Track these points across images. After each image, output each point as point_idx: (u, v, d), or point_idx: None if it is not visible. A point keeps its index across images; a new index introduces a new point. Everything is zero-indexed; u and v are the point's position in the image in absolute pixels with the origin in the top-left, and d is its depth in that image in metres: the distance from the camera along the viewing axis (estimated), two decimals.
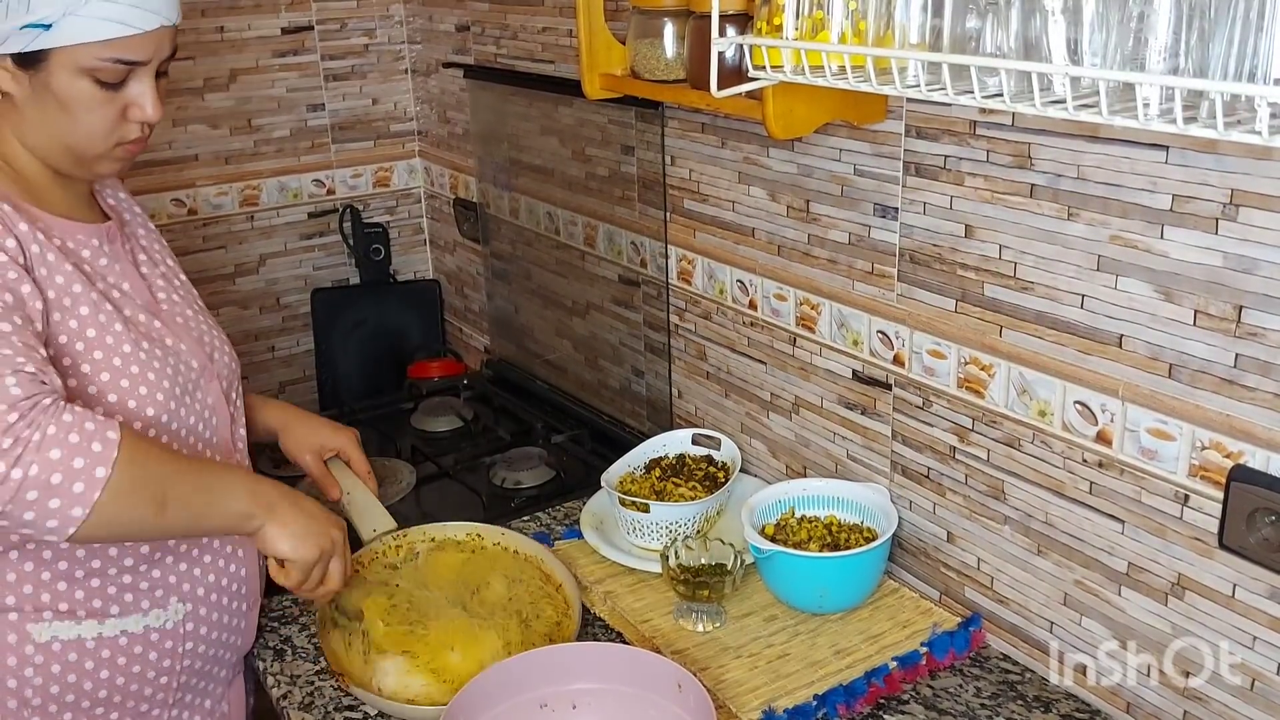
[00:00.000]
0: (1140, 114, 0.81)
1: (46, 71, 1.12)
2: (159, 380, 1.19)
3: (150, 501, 1.07)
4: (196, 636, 1.26)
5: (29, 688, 1.17)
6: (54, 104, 1.14)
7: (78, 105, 1.14)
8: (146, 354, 1.19)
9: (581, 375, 2.15)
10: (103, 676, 1.20)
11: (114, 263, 1.24)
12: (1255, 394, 1.03)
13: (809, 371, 1.56)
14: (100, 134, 1.17)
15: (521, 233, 2.23)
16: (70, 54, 1.11)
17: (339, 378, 2.53)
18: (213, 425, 1.29)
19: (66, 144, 1.17)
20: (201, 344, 1.30)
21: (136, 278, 1.27)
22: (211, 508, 1.14)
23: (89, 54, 1.11)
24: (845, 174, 1.41)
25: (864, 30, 1.02)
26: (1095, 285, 1.14)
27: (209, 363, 1.29)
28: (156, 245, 1.36)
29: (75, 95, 1.13)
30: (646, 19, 1.41)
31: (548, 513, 1.73)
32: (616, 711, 1.20)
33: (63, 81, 1.12)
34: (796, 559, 1.37)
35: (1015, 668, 1.32)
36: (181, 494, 1.10)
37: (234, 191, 2.42)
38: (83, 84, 1.13)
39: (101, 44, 1.11)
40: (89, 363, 1.15)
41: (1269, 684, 1.08)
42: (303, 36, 2.41)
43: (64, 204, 1.22)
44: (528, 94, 2.08)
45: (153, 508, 1.07)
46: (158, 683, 1.24)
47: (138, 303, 1.24)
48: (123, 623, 1.20)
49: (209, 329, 1.34)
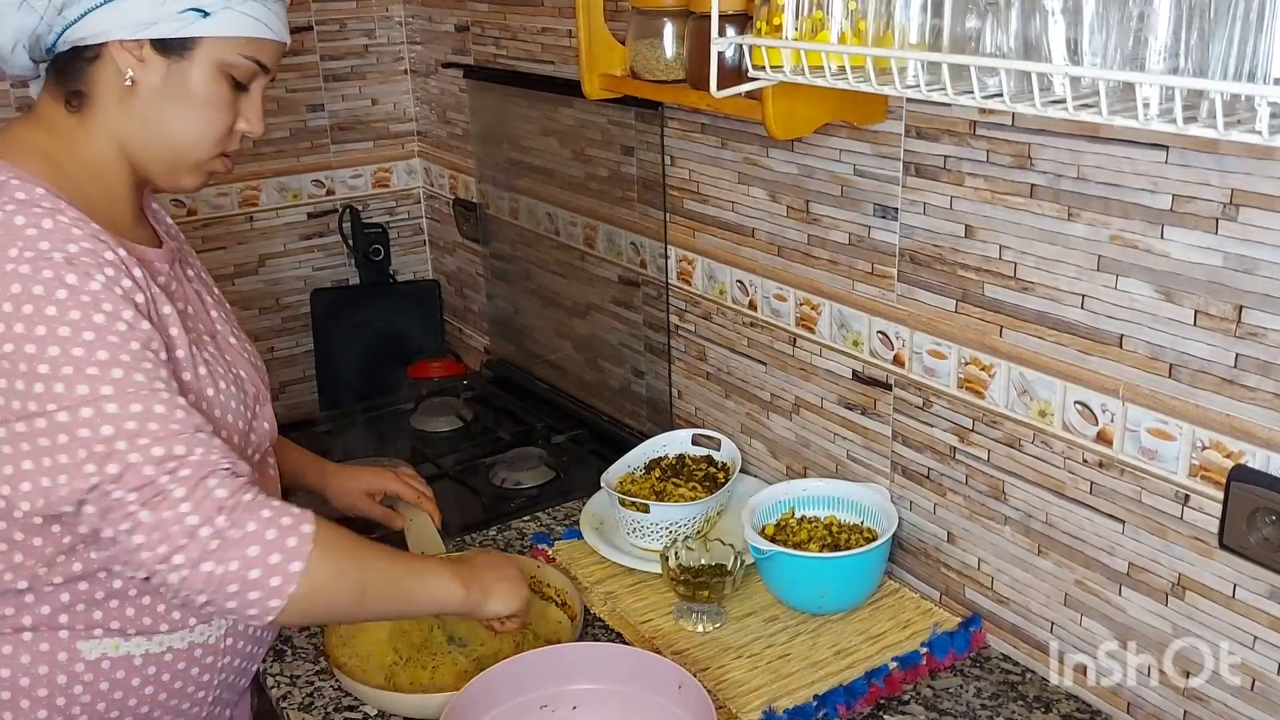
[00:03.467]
0: (1140, 114, 0.81)
1: (190, 60, 1.10)
2: (235, 421, 1.18)
3: (350, 591, 1.11)
4: (234, 651, 1.25)
5: (77, 705, 1.16)
6: (182, 97, 1.12)
7: (206, 101, 1.12)
8: (224, 393, 1.17)
9: (581, 376, 2.15)
10: (147, 692, 1.19)
11: (181, 286, 1.22)
12: (1255, 394, 1.03)
13: (809, 372, 1.55)
14: (214, 137, 1.15)
15: (521, 233, 2.23)
16: (219, 46, 1.10)
17: (339, 378, 2.53)
18: (264, 449, 1.28)
19: (175, 144, 1.14)
20: (255, 367, 1.29)
21: (198, 301, 1.25)
22: (418, 594, 1.19)
23: (234, 49, 1.11)
24: (845, 174, 1.41)
25: (864, 30, 1.02)
26: (1095, 285, 1.14)
27: (262, 385, 1.29)
28: (203, 271, 1.34)
29: (208, 90, 1.12)
30: (646, 19, 1.41)
31: (548, 513, 1.72)
32: (617, 712, 1.20)
33: (203, 74, 1.11)
34: (797, 559, 1.37)
35: (1015, 668, 1.32)
36: (381, 584, 1.15)
37: (233, 192, 2.42)
38: (218, 80, 1.12)
39: (248, 41, 1.11)
40: (179, 385, 1.11)
41: (1269, 684, 1.08)
42: (302, 37, 2.41)
43: (130, 221, 1.19)
44: (527, 94, 2.08)
45: (353, 597, 1.12)
46: (195, 696, 1.23)
47: (201, 327, 1.21)
48: (170, 639, 1.19)
49: (252, 349, 1.32)
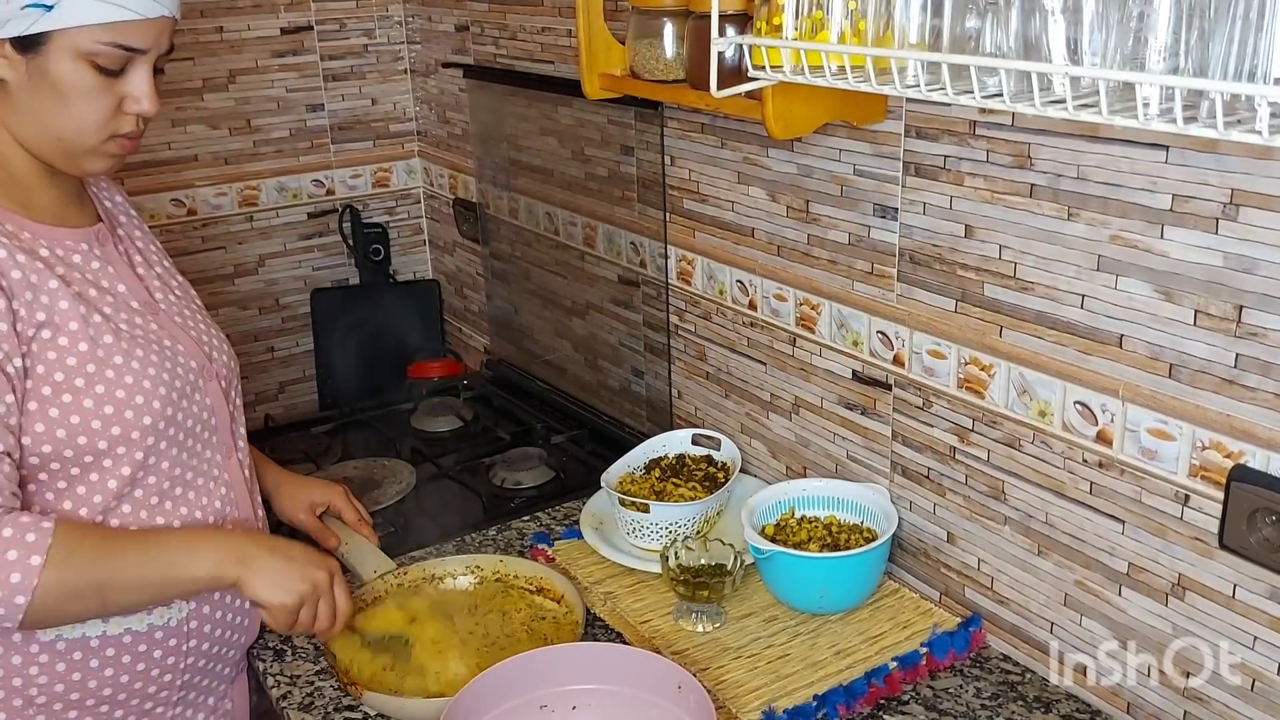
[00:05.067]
0: (1140, 114, 0.81)
1: (45, 55, 1.10)
2: (155, 386, 1.19)
3: (91, 598, 1.11)
4: (200, 634, 1.26)
5: (34, 686, 1.17)
6: (50, 91, 1.12)
7: (74, 92, 1.12)
8: (141, 360, 1.19)
9: (581, 376, 2.15)
10: (107, 675, 1.20)
11: (106, 265, 1.23)
12: (1256, 394, 1.03)
13: (809, 372, 1.55)
14: (94, 125, 1.15)
15: (521, 233, 2.23)
16: (71, 37, 1.09)
17: (338, 378, 2.53)
18: (212, 425, 1.29)
19: (59, 135, 1.15)
20: (200, 344, 1.30)
21: (133, 279, 1.26)
22: (170, 582, 1.16)
23: (90, 37, 1.10)
24: (845, 174, 1.41)
25: (863, 30, 1.02)
26: (1095, 285, 1.14)
27: (208, 362, 1.29)
28: (153, 247, 1.36)
29: (73, 81, 1.11)
30: (646, 19, 1.41)
31: (547, 513, 1.72)
32: (616, 712, 1.20)
33: (62, 66, 1.10)
34: (796, 559, 1.37)
35: (1015, 668, 1.32)
36: (125, 580, 1.13)
37: (233, 192, 2.42)
38: (81, 70, 1.11)
39: (103, 27, 1.09)
40: (82, 376, 1.14)
41: (1269, 684, 1.08)
42: (302, 37, 2.41)
43: (54, 205, 1.21)
44: (527, 94, 2.07)
45: (94, 603, 1.12)
46: (162, 680, 1.24)
47: (133, 304, 1.23)
48: (127, 621, 1.19)
49: (207, 329, 1.34)
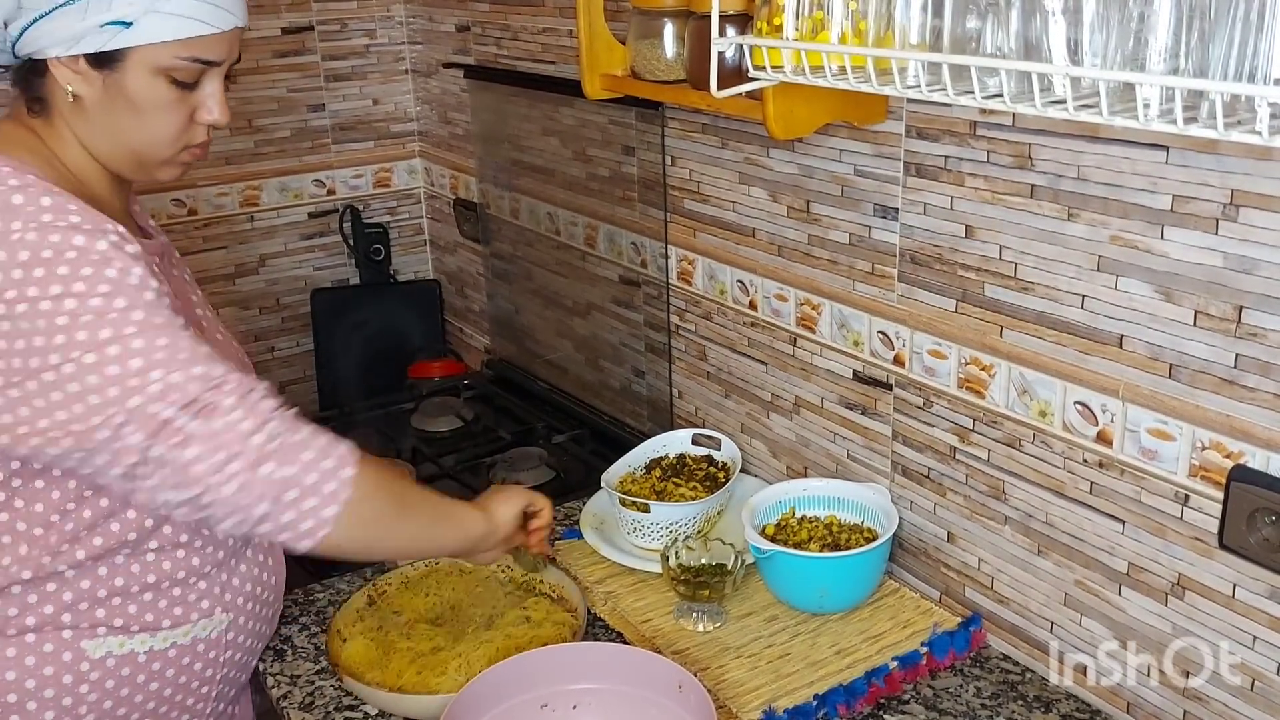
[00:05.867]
0: (1140, 114, 0.81)
1: (122, 71, 1.09)
2: None
3: (392, 505, 1.15)
4: (235, 644, 1.25)
5: (84, 705, 1.16)
6: (125, 105, 1.11)
7: (151, 106, 1.11)
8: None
9: (582, 375, 2.15)
10: (151, 688, 1.19)
11: (167, 280, 1.21)
12: (1255, 394, 1.03)
13: (809, 372, 1.56)
14: (169, 137, 1.14)
15: (522, 233, 2.23)
16: (149, 52, 1.08)
17: (339, 378, 2.53)
18: None
19: (134, 147, 1.14)
20: (241, 364, 1.29)
21: (187, 296, 1.26)
22: (449, 517, 1.26)
23: (167, 53, 1.09)
24: (845, 174, 1.41)
25: (864, 30, 1.02)
26: (1095, 285, 1.14)
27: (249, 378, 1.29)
28: (188, 272, 1.35)
29: (150, 96, 1.11)
30: (647, 19, 1.41)
31: None
32: (617, 711, 1.20)
33: (139, 82, 1.10)
34: (797, 559, 1.37)
35: (1015, 668, 1.32)
36: (417, 501, 1.20)
37: (234, 192, 2.42)
38: (158, 84, 1.10)
39: (181, 43, 1.09)
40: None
41: (1269, 684, 1.08)
42: (303, 37, 2.42)
43: (121, 218, 1.19)
44: (528, 94, 2.08)
45: (394, 511, 1.16)
46: (199, 692, 1.24)
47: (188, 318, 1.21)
48: (173, 635, 1.19)
49: (237, 347, 1.33)
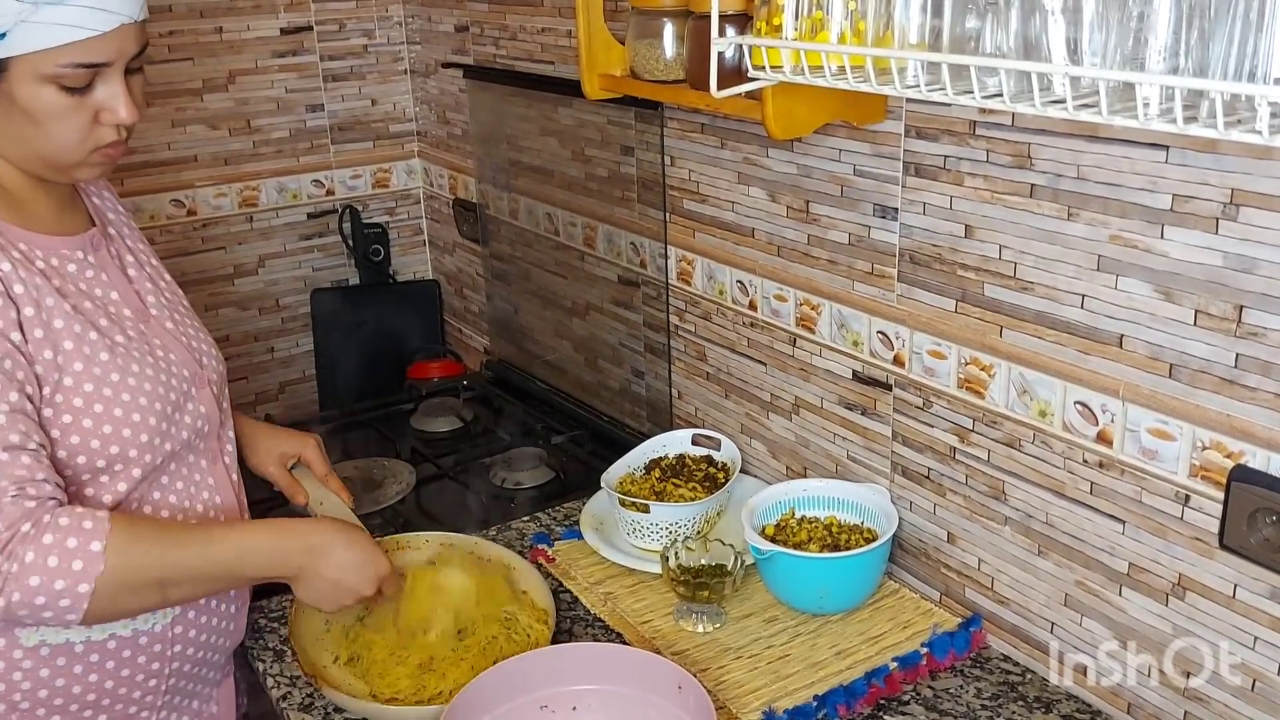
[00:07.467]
0: (1140, 114, 0.81)
1: (9, 82, 1.08)
2: (151, 402, 1.18)
3: (152, 590, 1.12)
4: (185, 639, 1.25)
5: (17, 692, 1.16)
6: (20, 114, 1.10)
7: (45, 115, 1.10)
8: (136, 376, 1.17)
9: (581, 376, 2.15)
10: (91, 680, 1.19)
11: (100, 272, 1.22)
12: (1256, 394, 1.03)
13: (809, 372, 1.55)
14: (72, 142, 1.13)
15: (521, 233, 2.23)
16: (29, 62, 1.07)
17: (339, 379, 2.53)
18: (204, 433, 1.27)
19: (40, 154, 1.14)
20: (191, 350, 1.28)
21: (125, 284, 1.25)
22: (230, 577, 1.21)
23: (48, 61, 1.07)
24: (845, 174, 1.41)
25: (863, 30, 1.02)
26: (1095, 285, 1.14)
27: (199, 369, 1.28)
28: (141, 245, 1.34)
29: (41, 105, 1.09)
30: (646, 19, 1.41)
31: (547, 513, 1.72)
32: (617, 712, 1.20)
33: (26, 91, 1.08)
34: (796, 560, 1.37)
35: (1016, 668, 1.32)
36: (187, 572, 1.15)
37: (233, 192, 2.42)
38: (47, 92, 1.09)
39: (60, 49, 1.07)
40: (80, 396, 1.13)
41: (1269, 684, 1.08)
42: (301, 37, 2.41)
43: (49, 212, 1.20)
44: (527, 94, 2.08)
45: (155, 595, 1.13)
46: (146, 685, 1.23)
47: (126, 312, 1.22)
48: (113, 626, 1.18)
49: (195, 332, 1.32)
